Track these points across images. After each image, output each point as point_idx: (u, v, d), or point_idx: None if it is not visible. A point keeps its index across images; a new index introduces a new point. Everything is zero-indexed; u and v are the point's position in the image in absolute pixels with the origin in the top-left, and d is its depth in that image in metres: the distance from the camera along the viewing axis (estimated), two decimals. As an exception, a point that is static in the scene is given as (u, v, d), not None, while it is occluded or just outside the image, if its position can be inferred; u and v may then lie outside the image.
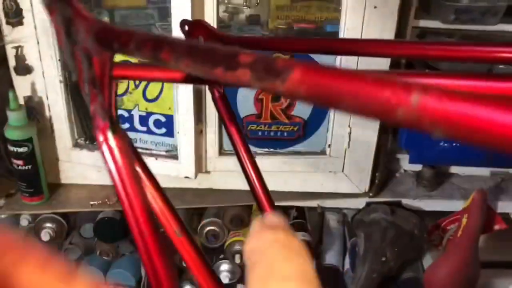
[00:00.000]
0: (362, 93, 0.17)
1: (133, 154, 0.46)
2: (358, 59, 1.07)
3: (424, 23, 1.16)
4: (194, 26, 0.60)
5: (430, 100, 0.16)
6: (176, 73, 0.42)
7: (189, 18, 0.99)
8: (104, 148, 0.34)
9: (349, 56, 0.99)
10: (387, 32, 1.06)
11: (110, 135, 0.34)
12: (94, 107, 0.34)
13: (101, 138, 0.34)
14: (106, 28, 0.30)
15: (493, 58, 0.39)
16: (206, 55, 0.23)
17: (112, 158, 0.34)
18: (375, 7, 1.03)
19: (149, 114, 1.13)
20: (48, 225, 1.27)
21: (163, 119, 1.12)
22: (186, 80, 0.43)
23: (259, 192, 0.64)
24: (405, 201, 1.27)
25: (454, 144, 1.21)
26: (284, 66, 0.20)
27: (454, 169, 1.34)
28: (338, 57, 1.05)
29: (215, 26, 1.04)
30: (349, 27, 1.05)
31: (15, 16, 1.00)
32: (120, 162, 0.34)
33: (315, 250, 1.34)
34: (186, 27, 0.61)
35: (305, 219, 1.38)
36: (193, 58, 0.24)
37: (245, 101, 1.13)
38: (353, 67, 1.08)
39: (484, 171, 1.32)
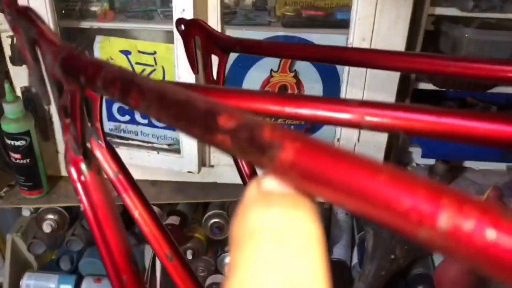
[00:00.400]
0: (372, 197, 0.13)
1: (119, 167, 0.42)
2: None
3: (440, 10, 1.09)
4: (191, 26, 0.56)
5: (467, 225, 0.11)
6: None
7: (191, 4, 0.93)
8: (78, 185, 0.30)
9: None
10: (401, 20, 1.00)
11: (84, 170, 0.30)
12: (66, 138, 0.30)
13: (74, 174, 0.30)
14: (72, 57, 0.25)
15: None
16: (181, 109, 0.19)
17: (86, 196, 0.30)
18: (389, -6, 0.97)
19: (150, 106, 1.08)
20: (50, 216, 1.25)
21: (164, 112, 1.08)
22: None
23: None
24: (416, 197, 1.22)
25: (469, 138, 1.15)
26: (272, 140, 0.15)
27: (468, 163, 1.28)
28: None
29: (219, 12, 0.98)
30: (361, 15, 0.99)
31: (8, 5, 0.95)
32: (96, 201, 0.30)
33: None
34: (182, 26, 0.57)
35: (312, 212, 1.35)
36: (165, 111, 0.19)
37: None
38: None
39: (499, 166, 1.27)
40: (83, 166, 0.30)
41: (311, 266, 0.14)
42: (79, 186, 0.30)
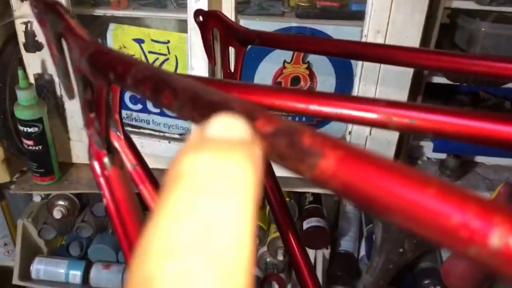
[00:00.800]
0: (420, 211, 0.13)
1: (136, 159, 0.42)
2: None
3: (457, 3, 1.07)
4: (209, 17, 0.55)
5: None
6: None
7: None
8: (101, 180, 0.30)
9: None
10: (418, 13, 0.98)
11: (107, 165, 0.30)
12: (90, 132, 0.30)
13: (97, 168, 0.30)
14: (101, 52, 0.25)
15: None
16: (215, 110, 0.18)
17: (109, 191, 0.30)
18: (406, -14, 0.96)
19: (163, 95, 1.08)
20: (60, 202, 1.26)
21: (176, 101, 1.08)
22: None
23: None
24: (426, 191, 1.22)
25: (481, 134, 1.14)
26: (311, 147, 0.15)
27: (479, 158, 1.27)
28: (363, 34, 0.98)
29: (233, 1, 0.98)
30: (377, 7, 0.98)
31: (23, -9, 0.95)
32: (118, 196, 0.30)
33: (331, 235, 1.30)
34: (201, 18, 0.56)
35: (321, 204, 1.35)
36: (198, 111, 0.19)
37: (263, 83, 1.08)
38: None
39: (511, 161, 1.26)
40: (106, 160, 0.30)
41: (233, 213, 0.14)
42: (102, 181, 0.30)
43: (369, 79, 1.04)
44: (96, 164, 0.30)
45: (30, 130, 1.03)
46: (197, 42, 0.96)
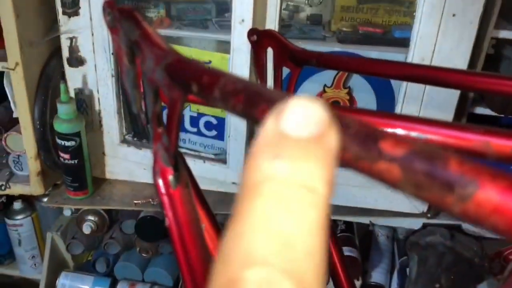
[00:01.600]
0: None
1: (189, 178, 0.41)
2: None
3: (505, 33, 1.05)
4: (264, 36, 0.54)
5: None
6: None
7: (250, 15, 0.92)
8: (165, 199, 0.28)
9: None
10: (465, 42, 0.96)
11: (172, 183, 0.28)
12: (156, 147, 0.28)
13: (161, 186, 0.28)
14: (181, 62, 0.24)
15: None
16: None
17: (172, 210, 0.28)
18: (453, 15, 0.93)
19: (200, 115, 1.07)
20: (90, 217, 1.25)
21: (214, 121, 1.07)
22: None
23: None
24: (465, 226, 1.17)
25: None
26: (463, 175, 0.13)
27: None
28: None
29: (277, 24, 0.97)
30: (423, 34, 0.96)
31: (72, 6, 0.97)
32: (181, 218, 0.28)
33: (362, 266, 1.26)
34: (255, 37, 0.55)
35: (353, 233, 1.31)
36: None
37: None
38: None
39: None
40: (172, 178, 0.28)
41: (308, 225, 0.14)
42: (166, 199, 0.28)
43: (411, 104, 1.01)
44: (160, 182, 0.28)
45: (67, 143, 1.03)
46: (238, 63, 0.96)
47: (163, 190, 0.28)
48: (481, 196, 0.13)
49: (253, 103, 0.19)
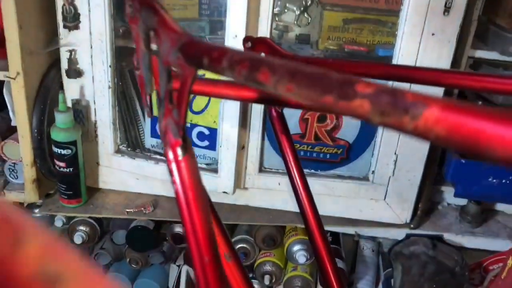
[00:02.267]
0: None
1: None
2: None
3: (481, 53, 1.12)
4: (258, 43, 0.59)
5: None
6: (250, 92, 0.40)
7: (243, 33, 0.98)
8: (173, 166, 0.32)
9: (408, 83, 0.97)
10: (443, 60, 1.03)
11: (180, 153, 0.32)
12: (166, 122, 0.33)
13: (171, 155, 0.32)
14: (194, 42, 0.28)
15: None
16: (314, 80, 0.21)
17: (180, 178, 0.32)
18: (433, 34, 1.00)
19: (193, 125, 1.12)
20: (82, 228, 1.27)
21: (206, 132, 1.11)
22: (259, 100, 0.41)
23: (308, 213, 0.62)
24: (447, 236, 1.21)
25: (503, 181, 1.15)
26: (416, 101, 0.18)
27: (500, 206, 1.28)
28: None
29: (266, 42, 1.03)
30: (404, 52, 1.03)
31: (72, 20, 1.02)
32: (187, 184, 0.32)
33: (348, 278, 1.29)
34: (249, 43, 0.60)
35: (340, 245, 1.34)
36: (297, 82, 0.22)
37: (290, 119, 1.11)
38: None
39: (532, 211, 1.26)
40: (180, 149, 0.32)
41: None
42: (174, 167, 0.32)
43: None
44: (170, 152, 0.32)
45: (63, 152, 1.07)
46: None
47: (171, 157, 0.32)
48: (427, 113, 0.17)
49: (257, 67, 0.24)
